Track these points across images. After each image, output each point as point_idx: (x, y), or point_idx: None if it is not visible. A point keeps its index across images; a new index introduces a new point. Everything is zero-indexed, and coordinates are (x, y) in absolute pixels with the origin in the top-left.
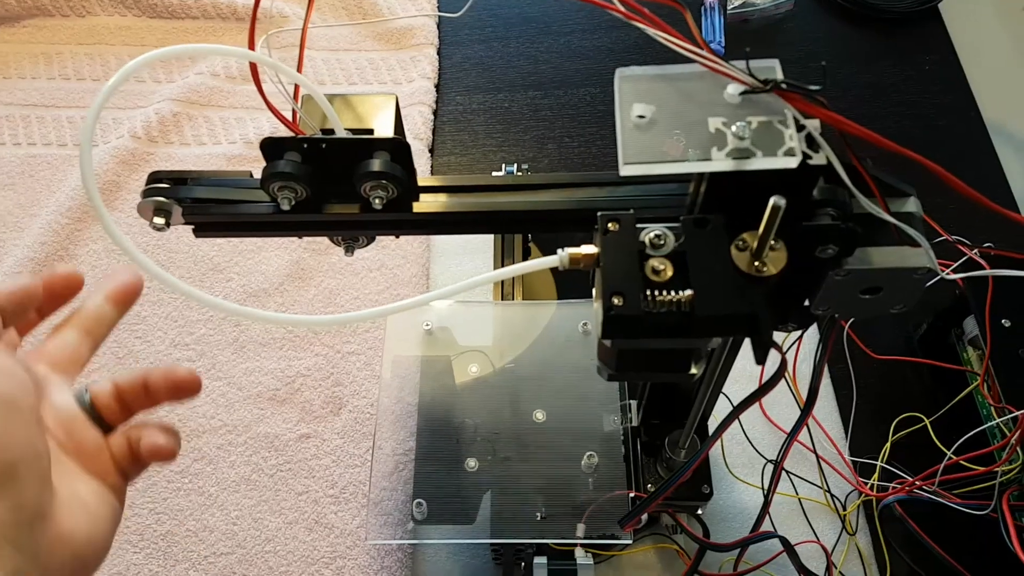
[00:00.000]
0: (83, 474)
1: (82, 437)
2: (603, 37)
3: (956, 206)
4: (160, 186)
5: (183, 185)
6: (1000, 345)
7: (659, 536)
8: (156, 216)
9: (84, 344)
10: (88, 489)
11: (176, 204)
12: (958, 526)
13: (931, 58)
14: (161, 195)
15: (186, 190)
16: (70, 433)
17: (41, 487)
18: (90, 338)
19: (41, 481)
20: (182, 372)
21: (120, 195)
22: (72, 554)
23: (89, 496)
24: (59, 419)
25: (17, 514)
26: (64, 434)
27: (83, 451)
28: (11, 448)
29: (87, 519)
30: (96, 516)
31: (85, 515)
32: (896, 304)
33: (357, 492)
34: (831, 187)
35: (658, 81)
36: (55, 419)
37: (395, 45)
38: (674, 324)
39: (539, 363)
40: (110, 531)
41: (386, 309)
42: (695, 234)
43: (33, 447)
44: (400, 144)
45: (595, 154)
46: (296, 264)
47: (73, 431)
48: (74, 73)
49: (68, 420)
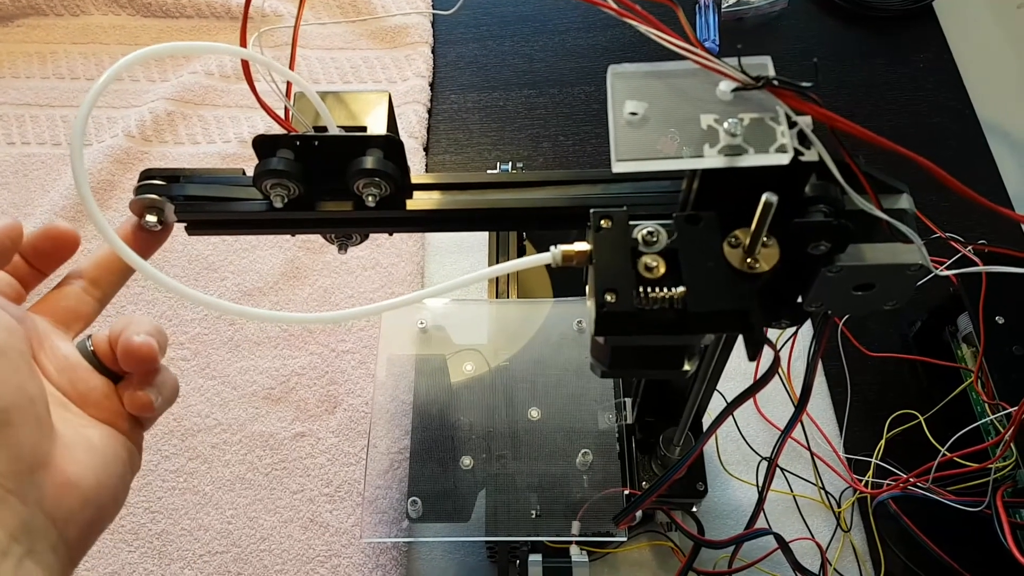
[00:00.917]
0: (90, 420)
1: (87, 385)
2: (598, 35)
3: (950, 203)
4: (152, 183)
5: (176, 183)
6: (994, 342)
7: (654, 533)
8: (148, 214)
9: (88, 295)
10: (97, 433)
11: (168, 202)
12: (952, 523)
13: (925, 56)
14: (153, 192)
15: (179, 188)
16: (73, 382)
17: (39, 433)
18: (96, 290)
19: (38, 426)
20: None
21: (115, 194)
22: (82, 500)
23: (98, 440)
24: (61, 367)
25: (16, 463)
26: (67, 382)
27: (88, 399)
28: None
29: (96, 463)
30: (107, 460)
31: (93, 459)
32: (889, 301)
33: (352, 491)
34: (823, 184)
35: (650, 78)
36: (56, 368)
37: (389, 43)
38: (667, 321)
39: (534, 361)
40: (124, 476)
41: (380, 306)
42: (688, 231)
43: (25, 391)
44: (393, 141)
45: (590, 152)
46: (291, 263)
47: (76, 379)
48: (68, 72)
49: (70, 368)
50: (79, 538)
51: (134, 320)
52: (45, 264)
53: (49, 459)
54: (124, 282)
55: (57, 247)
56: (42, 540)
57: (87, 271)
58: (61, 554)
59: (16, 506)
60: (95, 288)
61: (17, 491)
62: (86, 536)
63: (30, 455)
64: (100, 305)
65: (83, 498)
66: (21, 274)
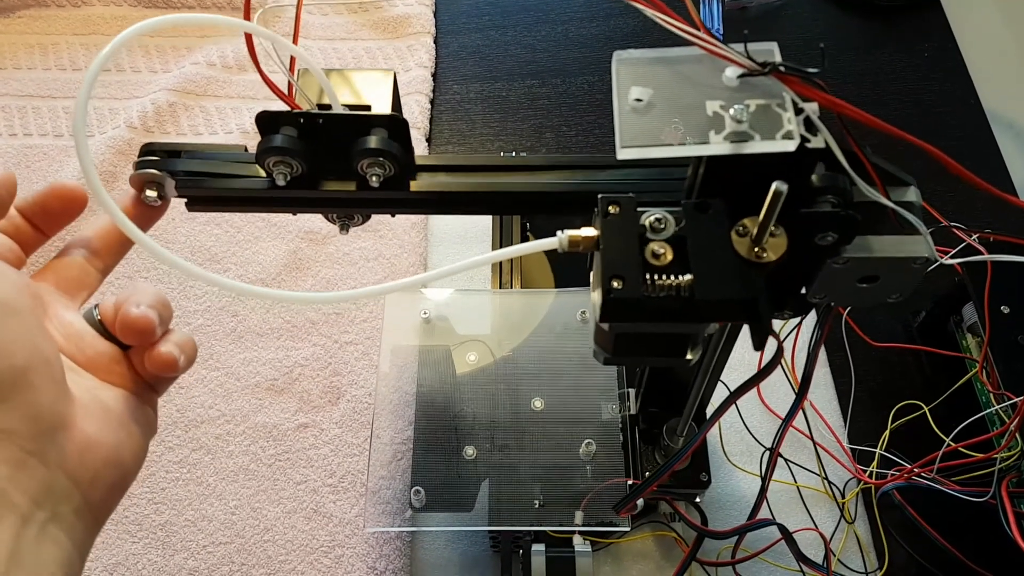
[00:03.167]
0: (103, 383)
1: (96, 351)
2: (601, 25)
3: (954, 193)
4: (153, 158)
5: (177, 158)
6: (999, 332)
7: (657, 524)
8: (148, 189)
9: (92, 264)
10: (111, 395)
11: (169, 177)
12: (957, 513)
13: (930, 45)
14: (154, 167)
15: (180, 163)
16: (81, 348)
17: (57, 393)
18: (99, 260)
19: (56, 386)
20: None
21: (117, 185)
22: (104, 460)
23: (112, 403)
24: (67, 334)
25: (36, 424)
26: (75, 348)
27: (98, 364)
28: (17, 353)
29: (113, 424)
30: (124, 420)
31: (110, 420)
32: (893, 293)
33: (355, 481)
34: (831, 174)
35: (656, 64)
36: (63, 335)
37: (392, 34)
38: (673, 308)
39: (537, 351)
40: (143, 437)
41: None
42: (696, 219)
43: (40, 351)
44: (398, 121)
45: (593, 143)
46: (294, 254)
47: (84, 346)
48: (70, 63)
49: (77, 336)
50: (102, 500)
51: (137, 290)
52: (50, 225)
53: (69, 420)
54: (125, 253)
55: (66, 206)
56: (65, 503)
57: (90, 241)
58: (85, 518)
59: (38, 468)
60: (97, 259)
61: (38, 452)
62: (109, 498)
63: (49, 416)
64: (102, 276)
65: (104, 458)
66: (23, 237)
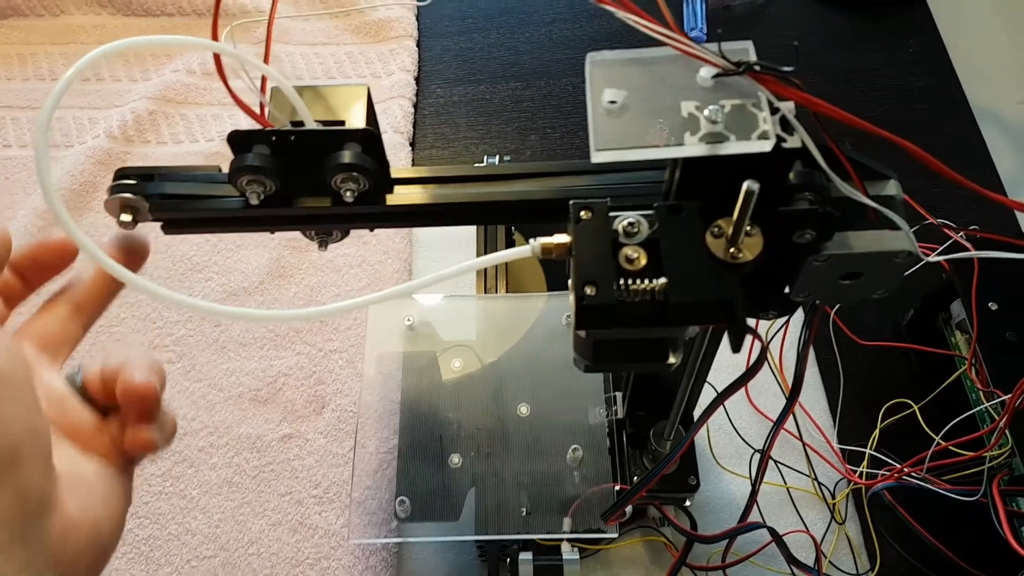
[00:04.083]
0: (83, 454)
1: (77, 418)
2: (584, 26)
3: (941, 189)
4: (127, 183)
5: (150, 181)
6: (987, 329)
7: (646, 529)
8: (123, 213)
9: (75, 321)
10: (91, 469)
11: (144, 200)
12: (948, 512)
13: (915, 41)
14: (128, 191)
15: (153, 186)
16: (63, 413)
17: (45, 471)
18: (82, 315)
19: (44, 463)
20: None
21: (98, 196)
22: (86, 540)
23: (93, 476)
24: (50, 399)
25: (22, 504)
26: (57, 413)
27: (79, 432)
28: (11, 431)
29: (94, 501)
30: (105, 497)
31: (91, 497)
32: (877, 289)
33: (341, 492)
34: (808, 171)
35: (630, 66)
36: (47, 399)
37: (373, 38)
38: (648, 313)
39: (522, 357)
40: (121, 511)
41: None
42: (669, 221)
43: (32, 426)
44: (370, 135)
45: (578, 145)
46: (276, 262)
47: (66, 411)
48: (49, 73)
49: (60, 400)
50: None
51: (131, 357)
52: (39, 277)
53: (54, 500)
54: (109, 303)
55: (57, 258)
56: None
57: (73, 294)
58: None
59: (18, 552)
60: (81, 314)
61: (24, 535)
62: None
63: (36, 497)
64: (84, 330)
65: (86, 539)
66: (11, 291)
